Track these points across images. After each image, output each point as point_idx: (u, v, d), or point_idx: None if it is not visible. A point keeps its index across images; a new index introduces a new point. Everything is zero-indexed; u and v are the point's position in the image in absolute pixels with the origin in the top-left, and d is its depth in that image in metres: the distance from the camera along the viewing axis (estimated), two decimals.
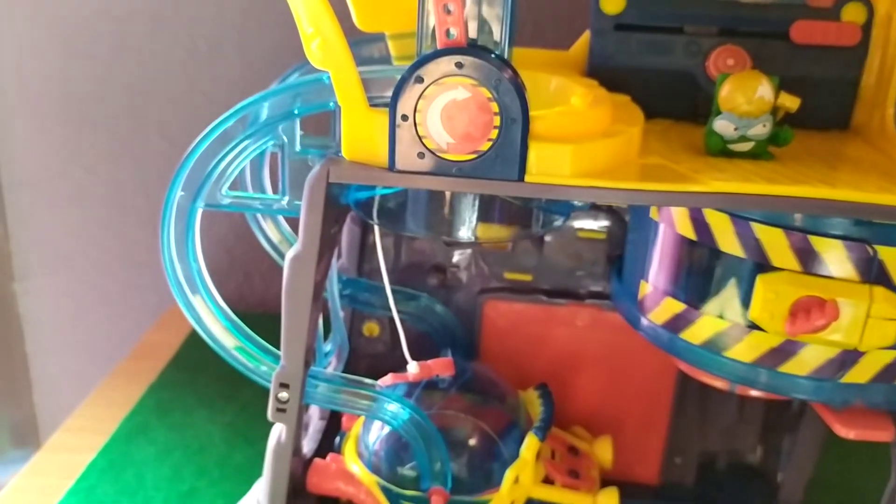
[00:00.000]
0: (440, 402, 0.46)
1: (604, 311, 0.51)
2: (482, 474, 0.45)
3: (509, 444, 0.46)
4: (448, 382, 0.47)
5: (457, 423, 0.46)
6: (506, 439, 0.46)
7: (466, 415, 0.46)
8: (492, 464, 0.45)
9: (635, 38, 0.45)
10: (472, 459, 0.45)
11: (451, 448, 0.44)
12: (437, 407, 0.45)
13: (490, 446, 0.46)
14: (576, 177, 0.35)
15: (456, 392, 0.47)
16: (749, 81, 0.38)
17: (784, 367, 0.38)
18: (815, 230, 0.36)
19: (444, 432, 0.44)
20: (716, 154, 0.39)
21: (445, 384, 0.47)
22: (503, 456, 0.45)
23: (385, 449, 0.45)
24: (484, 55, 0.34)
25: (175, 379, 0.67)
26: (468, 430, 0.46)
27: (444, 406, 0.46)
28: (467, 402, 0.46)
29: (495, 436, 0.46)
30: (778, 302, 0.37)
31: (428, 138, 0.35)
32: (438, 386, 0.47)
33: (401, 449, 0.45)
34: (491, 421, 0.46)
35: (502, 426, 0.46)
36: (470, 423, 0.46)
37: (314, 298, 0.40)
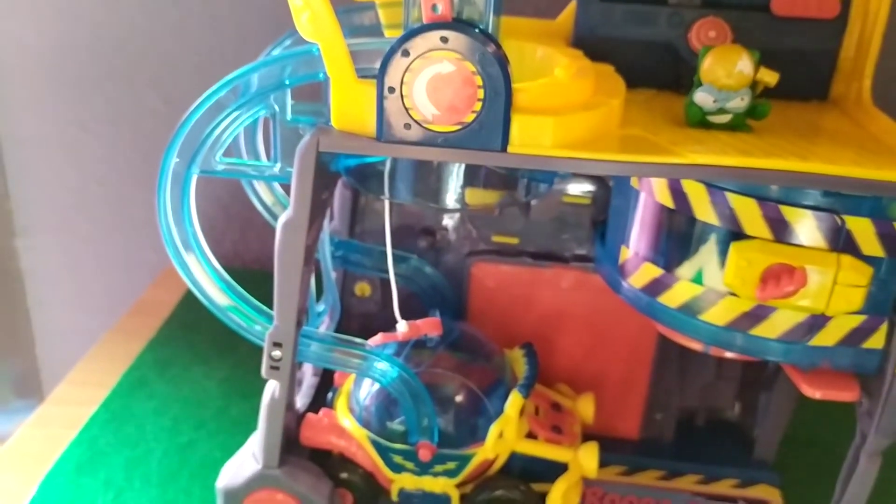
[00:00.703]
0: (428, 361, 0.48)
1: (588, 274, 0.53)
2: (468, 429, 0.47)
3: (495, 401, 0.48)
4: (436, 342, 0.49)
5: (444, 381, 0.48)
6: (491, 396, 0.48)
7: (453, 373, 0.48)
8: (477, 419, 0.47)
9: (620, 9, 0.46)
10: (458, 415, 0.47)
11: (438, 404, 0.46)
12: (426, 365, 0.47)
13: (476, 402, 0.48)
14: (557, 148, 0.37)
15: (443, 351, 0.49)
16: (730, 55, 0.39)
17: (755, 330, 0.40)
18: (786, 200, 0.38)
19: (432, 389, 0.46)
20: (695, 125, 0.40)
21: (433, 343, 0.49)
22: (489, 412, 0.47)
23: (375, 404, 0.48)
24: (468, 30, 0.35)
25: (173, 335, 0.69)
26: (455, 387, 0.48)
27: (432, 364, 0.48)
28: (454, 361, 0.49)
29: (481, 393, 0.48)
30: (750, 269, 0.38)
31: (414, 110, 0.36)
32: (426, 345, 0.48)
33: (390, 404, 0.47)
34: (477, 378, 0.48)
35: (488, 383, 0.48)
36: (457, 381, 0.48)
37: (305, 262, 0.41)
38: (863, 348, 0.39)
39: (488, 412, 0.48)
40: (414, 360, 0.47)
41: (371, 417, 0.48)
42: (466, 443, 0.47)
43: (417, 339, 0.49)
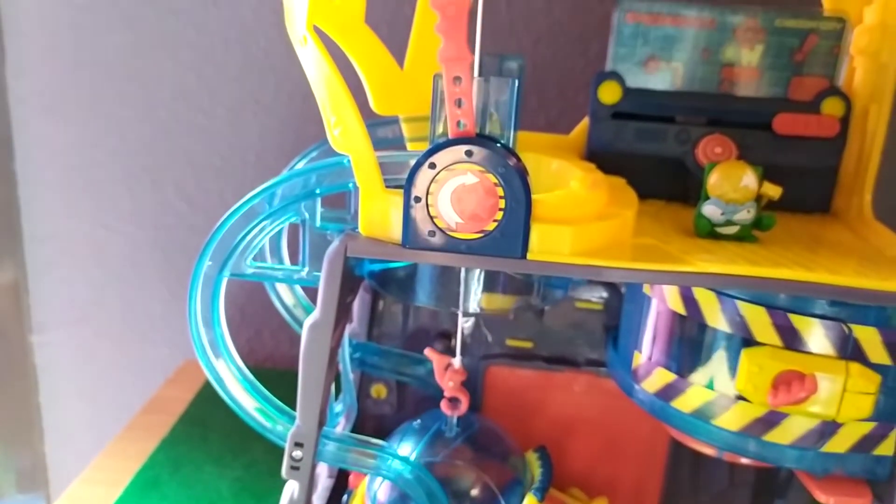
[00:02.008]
0: (446, 452, 0.48)
1: (600, 378, 0.54)
2: None
3: (510, 500, 0.48)
4: (455, 433, 0.49)
5: (460, 474, 0.47)
6: (507, 494, 0.48)
7: (470, 466, 0.48)
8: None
9: (630, 125, 0.49)
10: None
11: (453, 497, 0.46)
12: (443, 456, 0.48)
13: (491, 499, 0.48)
14: (574, 255, 0.38)
15: (462, 443, 0.49)
16: (735, 171, 0.41)
17: (768, 435, 0.41)
18: (795, 309, 0.39)
19: (448, 482, 0.46)
20: (704, 236, 0.42)
21: (453, 434, 0.49)
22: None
23: (389, 499, 0.47)
24: (491, 145, 0.37)
25: (186, 433, 0.70)
26: (471, 481, 0.47)
27: (450, 456, 0.48)
28: (472, 454, 0.48)
29: (497, 490, 0.48)
30: (761, 375, 0.39)
31: (439, 218, 0.38)
32: (445, 435, 0.49)
33: (404, 499, 0.47)
34: (494, 474, 0.48)
35: (505, 481, 0.48)
36: (473, 475, 0.48)
37: (329, 363, 0.43)
38: (874, 455, 0.40)
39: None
40: (432, 451, 0.47)
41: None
42: None
43: (436, 430, 0.49)
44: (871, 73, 0.47)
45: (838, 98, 0.47)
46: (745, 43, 0.47)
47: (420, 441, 0.48)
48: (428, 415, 0.50)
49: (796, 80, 0.48)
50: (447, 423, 0.49)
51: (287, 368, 0.42)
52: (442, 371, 0.47)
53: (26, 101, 0.83)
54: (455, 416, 0.49)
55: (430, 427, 0.49)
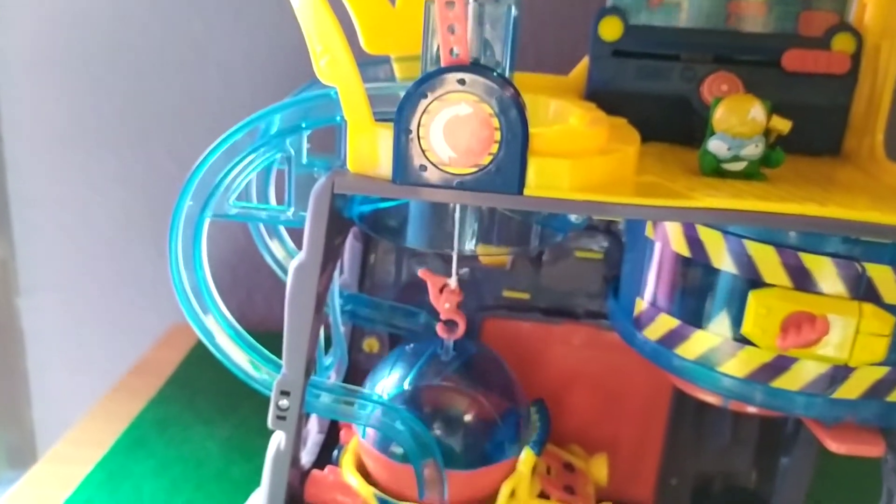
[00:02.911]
0: (440, 377, 0.46)
1: (600, 331, 0.52)
2: (478, 451, 0.45)
3: (507, 427, 0.45)
4: (451, 357, 0.47)
5: (456, 399, 0.45)
6: (505, 420, 0.46)
7: (467, 392, 0.46)
8: (488, 441, 0.45)
9: (632, 63, 0.46)
10: (468, 433, 0.45)
11: (447, 421, 0.44)
12: (438, 381, 0.45)
13: (488, 423, 0.45)
14: (574, 191, 0.37)
15: (458, 368, 0.46)
16: (742, 104, 0.39)
17: (776, 382, 0.39)
18: (805, 247, 0.37)
19: (442, 407, 0.44)
20: (710, 174, 0.40)
21: (448, 358, 0.47)
22: (501, 435, 0.45)
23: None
24: (486, 73, 0.35)
25: (175, 395, 0.68)
26: (466, 406, 0.45)
27: (445, 380, 0.46)
28: (469, 380, 0.46)
29: (496, 416, 0.46)
30: (769, 317, 0.38)
31: (431, 152, 0.36)
32: (440, 359, 0.46)
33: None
34: (492, 402, 0.46)
35: (503, 410, 0.46)
36: (469, 400, 0.45)
37: (316, 309, 0.41)
38: (888, 401, 0.38)
39: (500, 435, 0.45)
40: (426, 375, 0.46)
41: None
42: (474, 465, 0.45)
43: (432, 353, 0.47)
44: (882, 7, 0.45)
45: (849, 34, 0.45)
46: None
47: (413, 366, 0.46)
48: (422, 340, 0.48)
49: (806, 14, 0.45)
50: (443, 347, 0.47)
51: (281, 332, 0.40)
52: (437, 292, 0.45)
53: (10, 62, 0.81)
54: (451, 341, 0.46)
55: (425, 351, 0.47)
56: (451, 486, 0.44)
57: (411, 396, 0.45)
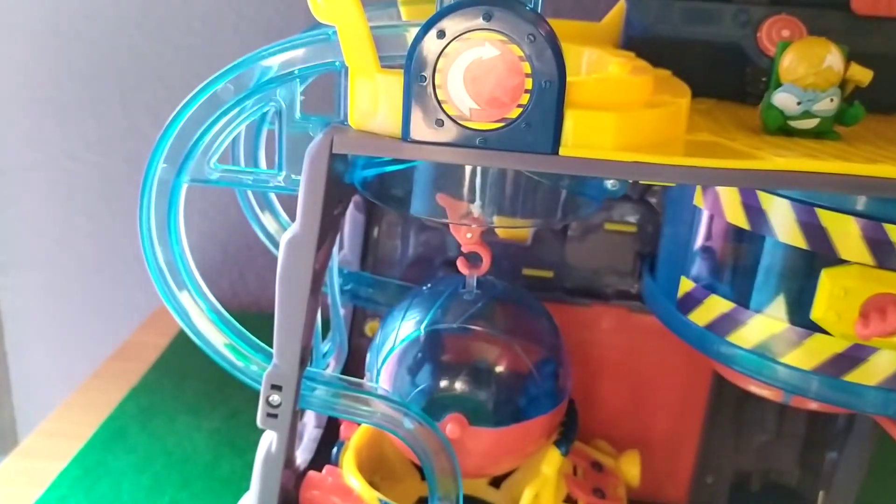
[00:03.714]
0: (463, 318, 0.40)
1: (632, 313, 0.47)
2: (507, 405, 0.39)
3: (542, 378, 0.40)
4: (475, 296, 0.40)
5: (481, 344, 0.40)
6: (540, 370, 0.40)
7: (494, 335, 0.40)
8: (520, 395, 0.40)
9: (678, 6, 0.41)
10: (497, 385, 0.39)
11: (472, 376, 0.39)
12: (460, 322, 0.39)
13: (520, 374, 0.39)
14: (619, 150, 0.31)
15: (483, 308, 0.40)
16: (815, 49, 0.33)
17: (850, 375, 0.34)
18: (891, 218, 0.32)
19: (465, 354, 0.39)
20: (774, 132, 0.34)
21: (472, 297, 0.40)
22: (533, 388, 0.39)
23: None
24: (516, 6, 0.29)
25: (159, 382, 0.62)
26: (496, 353, 0.39)
27: (468, 322, 0.39)
28: (495, 322, 0.40)
29: (529, 364, 0.40)
30: (847, 300, 0.32)
31: (448, 103, 0.30)
32: (463, 298, 0.40)
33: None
34: (523, 345, 0.40)
35: (537, 355, 0.40)
36: (498, 346, 0.40)
37: (312, 289, 0.35)
38: None
39: (534, 388, 0.40)
40: (446, 317, 0.40)
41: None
42: (504, 422, 0.39)
43: (452, 292, 0.41)
44: None
45: None
46: None
47: (432, 307, 0.39)
48: (441, 279, 0.42)
49: None
50: (465, 285, 0.40)
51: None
52: (458, 221, 0.39)
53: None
54: (474, 277, 0.40)
55: (445, 291, 0.40)
56: (478, 444, 0.39)
57: (428, 342, 0.39)
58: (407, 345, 0.40)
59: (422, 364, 0.39)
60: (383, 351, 0.41)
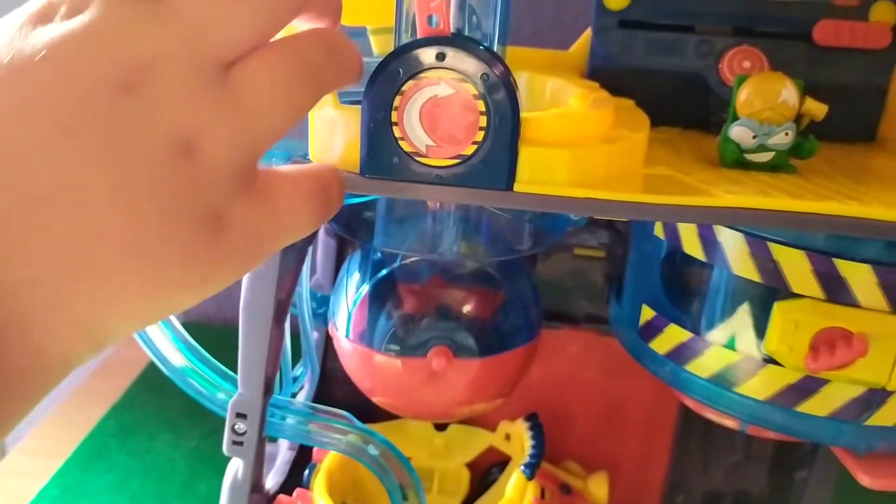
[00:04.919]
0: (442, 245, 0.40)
1: (601, 336, 0.47)
2: (490, 336, 0.41)
3: (519, 308, 0.42)
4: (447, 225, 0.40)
5: (460, 270, 0.41)
6: (517, 299, 0.41)
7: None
8: (499, 327, 0.41)
9: (641, 36, 0.41)
10: (478, 318, 0.40)
11: (455, 303, 0.40)
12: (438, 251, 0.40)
13: (498, 304, 0.41)
14: (573, 186, 0.31)
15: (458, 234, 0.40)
16: (771, 84, 0.34)
17: (803, 406, 0.34)
18: (841, 253, 0.32)
19: (446, 283, 0.40)
20: (730, 165, 0.35)
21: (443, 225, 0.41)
22: (511, 319, 0.41)
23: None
24: (470, 46, 0.30)
25: (139, 399, 0.63)
26: (475, 278, 0.41)
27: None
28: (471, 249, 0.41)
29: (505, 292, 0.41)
30: (798, 333, 0.33)
31: (405, 140, 0.31)
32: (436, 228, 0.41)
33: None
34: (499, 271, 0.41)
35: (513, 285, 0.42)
36: (477, 273, 0.41)
37: (276, 319, 0.36)
38: None
39: (512, 318, 0.41)
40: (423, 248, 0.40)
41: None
42: (487, 352, 0.40)
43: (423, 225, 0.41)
44: None
45: (890, 2, 0.39)
46: None
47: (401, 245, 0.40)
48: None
49: None
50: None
51: None
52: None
53: None
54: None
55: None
56: (464, 376, 0.40)
57: (404, 274, 0.40)
58: (381, 281, 0.40)
59: (399, 299, 0.40)
60: (351, 292, 0.41)
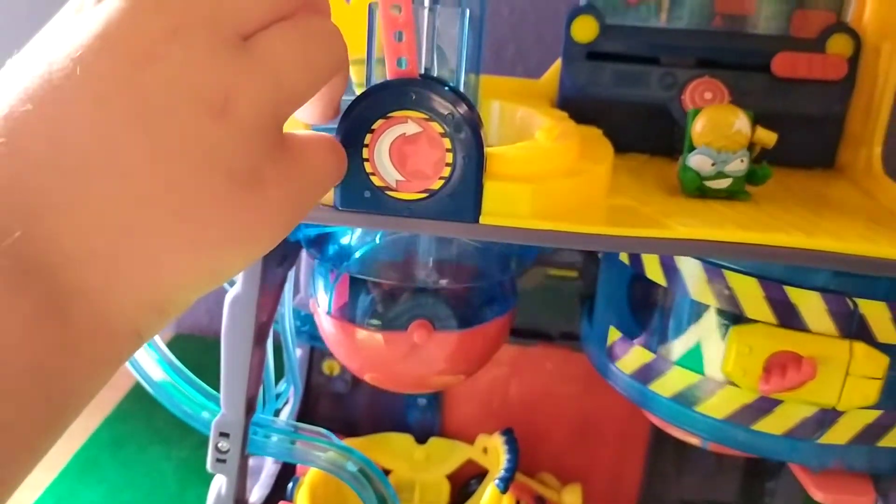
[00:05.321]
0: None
1: (575, 353, 0.49)
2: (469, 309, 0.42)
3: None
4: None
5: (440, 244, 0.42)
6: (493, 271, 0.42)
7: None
8: (477, 299, 0.42)
9: (608, 68, 0.42)
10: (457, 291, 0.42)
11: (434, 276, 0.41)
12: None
13: (476, 277, 0.42)
14: (535, 219, 0.33)
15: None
16: (724, 115, 0.36)
17: (759, 424, 0.36)
18: (792, 281, 0.34)
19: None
20: (691, 192, 0.36)
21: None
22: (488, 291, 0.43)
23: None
24: (437, 87, 0.31)
25: (132, 410, 0.64)
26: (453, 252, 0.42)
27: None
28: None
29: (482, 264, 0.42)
30: (752, 357, 0.34)
31: (376, 175, 0.32)
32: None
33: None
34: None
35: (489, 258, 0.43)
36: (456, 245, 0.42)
37: (257, 341, 0.37)
38: (878, 447, 0.35)
39: (489, 290, 0.43)
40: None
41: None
42: (466, 324, 0.42)
43: None
44: (883, 5, 0.41)
45: (846, 35, 0.41)
46: None
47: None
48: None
49: (799, 13, 0.41)
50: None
51: None
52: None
53: None
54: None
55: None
56: (443, 349, 0.42)
57: (386, 250, 0.41)
58: (365, 256, 0.41)
59: (381, 272, 0.41)
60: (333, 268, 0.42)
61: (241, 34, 0.22)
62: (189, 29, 0.21)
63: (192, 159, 0.21)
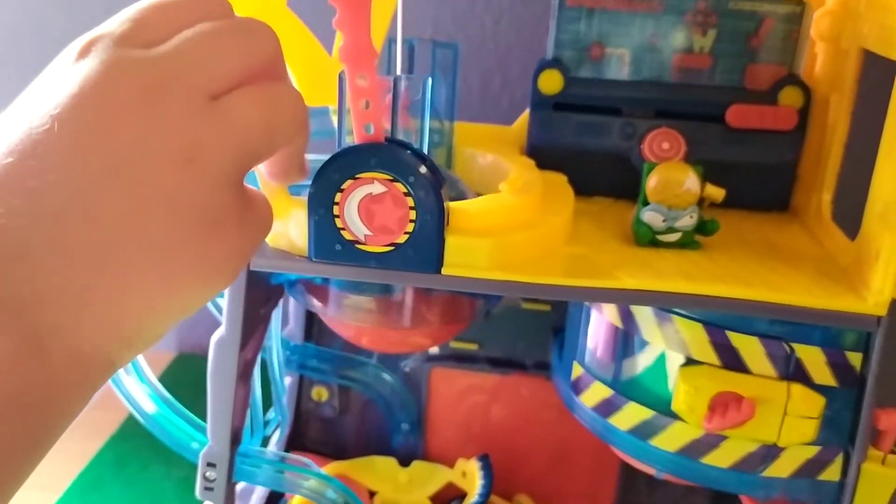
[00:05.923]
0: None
1: (549, 382, 0.51)
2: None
3: None
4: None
5: None
6: None
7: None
8: None
9: (573, 118, 0.45)
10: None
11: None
12: None
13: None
14: (493, 270, 0.35)
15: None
16: (676, 174, 0.38)
17: (707, 458, 0.38)
18: (734, 327, 0.36)
19: None
20: (644, 244, 0.39)
21: None
22: None
23: None
24: (399, 152, 0.34)
25: (135, 431, 0.67)
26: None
27: None
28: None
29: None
30: (698, 396, 0.37)
31: (346, 230, 0.35)
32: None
33: None
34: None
35: None
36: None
37: (241, 378, 0.40)
38: (819, 480, 0.37)
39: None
40: None
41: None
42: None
43: None
44: (831, 59, 0.43)
45: (797, 87, 0.43)
46: (696, 27, 0.43)
47: None
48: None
49: (752, 67, 0.44)
50: None
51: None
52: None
53: None
54: None
55: None
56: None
57: None
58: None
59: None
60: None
61: (210, 94, 0.24)
62: (161, 87, 0.23)
63: (160, 204, 0.23)
